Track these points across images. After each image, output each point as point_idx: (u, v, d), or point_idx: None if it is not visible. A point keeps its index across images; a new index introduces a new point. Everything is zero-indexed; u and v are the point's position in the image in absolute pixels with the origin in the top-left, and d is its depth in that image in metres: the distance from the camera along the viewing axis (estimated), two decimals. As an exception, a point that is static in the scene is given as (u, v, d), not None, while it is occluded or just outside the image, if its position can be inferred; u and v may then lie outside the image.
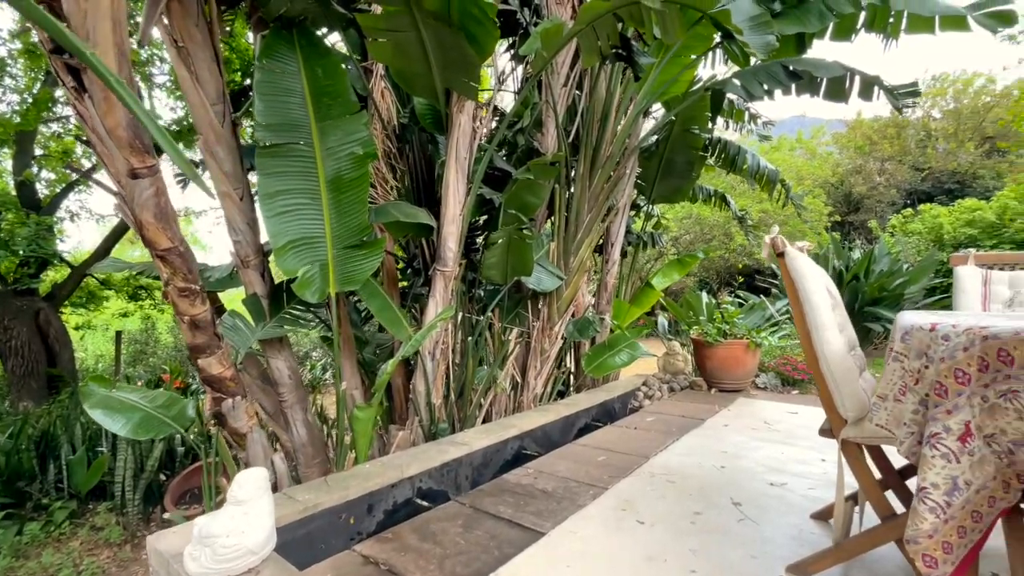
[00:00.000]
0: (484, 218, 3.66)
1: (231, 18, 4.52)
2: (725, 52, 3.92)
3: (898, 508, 1.45)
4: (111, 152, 1.83)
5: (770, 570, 1.52)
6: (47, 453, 3.54)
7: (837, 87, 3.75)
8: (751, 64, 3.77)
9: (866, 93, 3.74)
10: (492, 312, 3.41)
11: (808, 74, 3.61)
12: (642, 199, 4.97)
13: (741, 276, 12.54)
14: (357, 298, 3.27)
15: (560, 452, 2.72)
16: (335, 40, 3.59)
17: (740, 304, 5.48)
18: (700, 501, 2.02)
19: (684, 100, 3.98)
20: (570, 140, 3.85)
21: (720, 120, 5.35)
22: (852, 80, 3.70)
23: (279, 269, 2.32)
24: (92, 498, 3.49)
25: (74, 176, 6.35)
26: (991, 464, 1.01)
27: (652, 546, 1.68)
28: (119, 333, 7.72)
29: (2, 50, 5.38)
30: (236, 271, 2.60)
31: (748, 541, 1.70)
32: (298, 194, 2.32)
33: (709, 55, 4.21)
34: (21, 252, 4.96)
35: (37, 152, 6.04)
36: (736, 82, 3.79)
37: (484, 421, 3.23)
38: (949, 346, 1.04)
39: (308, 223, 2.34)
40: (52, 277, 7.31)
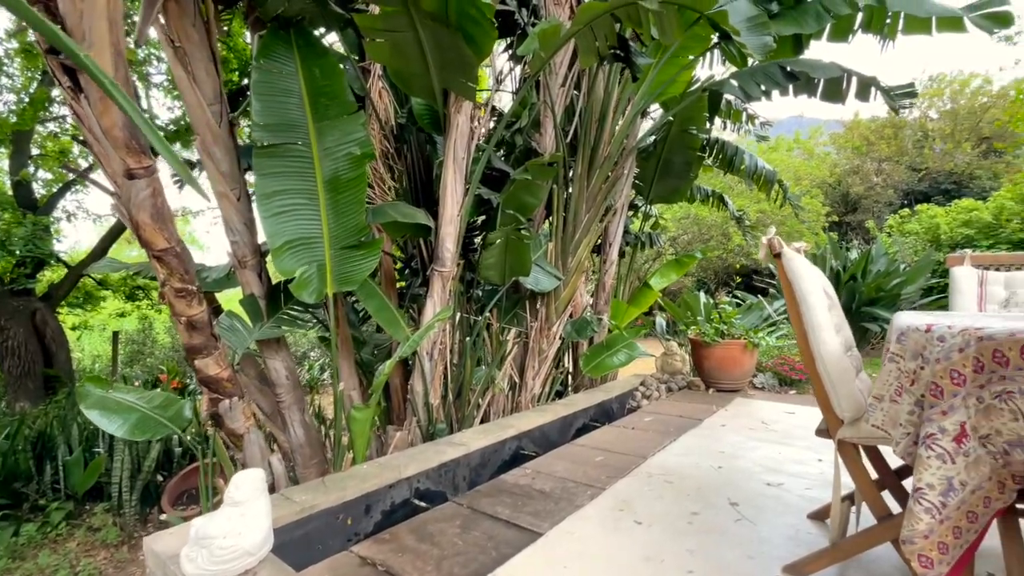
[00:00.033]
0: (482, 218, 3.66)
1: (228, 18, 4.51)
2: (723, 53, 3.93)
3: (895, 508, 1.46)
4: (107, 152, 1.83)
5: (767, 570, 1.53)
6: (44, 454, 3.54)
7: (834, 88, 3.77)
8: (749, 65, 3.78)
9: (863, 94, 3.76)
10: (490, 312, 3.41)
11: (805, 75, 3.63)
12: (640, 199, 4.98)
13: (739, 276, 12.55)
14: (355, 298, 3.26)
15: (558, 452, 2.72)
16: (333, 40, 3.59)
17: (738, 304, 5.49)
18: (697, 501, 2.03)
19: (682, 101, 4.00)
20: (568, 140, 3.85)
21: (718, 120, 5.37)
22: (849, 81, 3.72)
23: (276, 269, 2.32)
24: (89, 499, 3.48)
25: (71, 176, 6.33)
26: (986, 465, 1.01)
27: (649, 546, 1.68)
28: (116, 333, 7.70)
29: (-1, 49, 5.38)
30: (233, 271, 2.60)
31: (745, 541, 1.70)
32: (295, 194, 2.31)
33: (707, 56, 4.22)
34: (17, 252, 4.95)
35: (34, 152, 6.02)
36: (734, 83, 3.81)
37: (482, 421, 3.23)
38: (944, 347, 1.04)
39: (305, 223, 2.33)
40: (49, 277, 7.29)
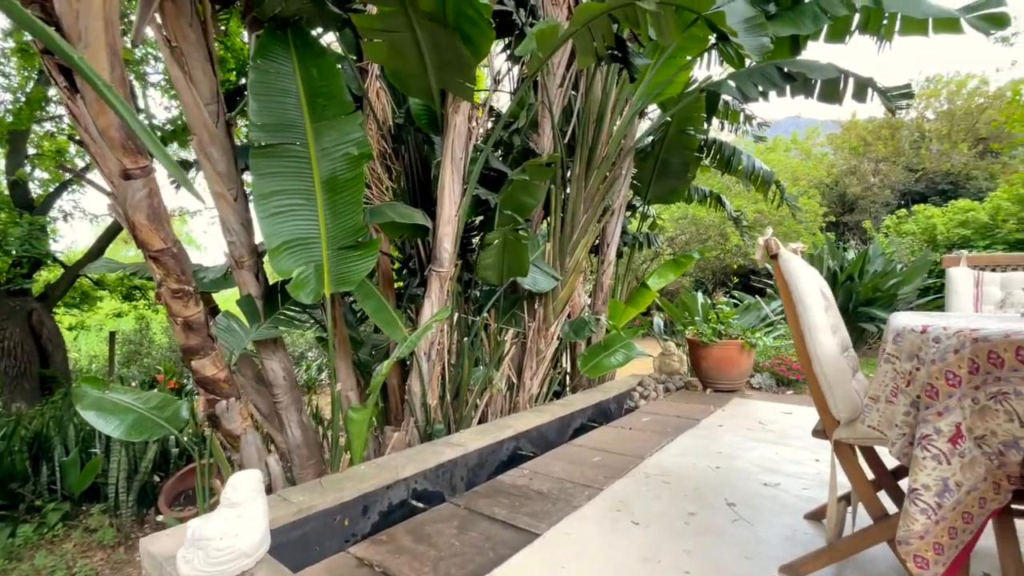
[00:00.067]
0: (480, 219, 3.66)
1: (226, 17, 4.51)
2: (720, 54, 3.94)
3: (891, 508, 1.46)
4: (104, 152, 1.82)
5: (764, 570, 1.53)
6: (40, 455, 3.52)
7: (831, 89, 3.79)
8: (746, 66, 3.79)
9: (860, 95, 3.77)
10: (488, 313, 3.41)
11: (802, 76, 3.64)
12: (638, 200, 4.98)
13: (736, 276, 12.57)
14: (352, 299, 3.26)
15: (556, 453, 2.72)
16: (330, 40, 3.58)
17: (735, 304, 5.49)
18: (695, 502, 2.03)
19: (679, 101, 4.00)
20: (566, 141, 3.85)
21: (715, 121, 5.37)
22: (846, 82, 3.73)
23: (274, 270, 2.31)
24: (85, 500, 3.47)
25: (67, 176, 6.31)
26: (982, 466, 1.01)
27: (647, 547, 1.68)
28: (113, 334, 7.69)
29: (-5, 49, 5.36)
30: (230, 272, 2.59)
31: (742, 541, 1.71)
32: (293, 195, 2.31)
33: (704, 56, 4.22)
34: (14, 252, 4.94)
35: (30, 151, 6.00)
36: (731, 83, 3.82)
37: (480, 422, 3.23)
38: (940, 348, 1.04)
39: (303, 224, 2.33)
40: (45, 277, 7.27)
